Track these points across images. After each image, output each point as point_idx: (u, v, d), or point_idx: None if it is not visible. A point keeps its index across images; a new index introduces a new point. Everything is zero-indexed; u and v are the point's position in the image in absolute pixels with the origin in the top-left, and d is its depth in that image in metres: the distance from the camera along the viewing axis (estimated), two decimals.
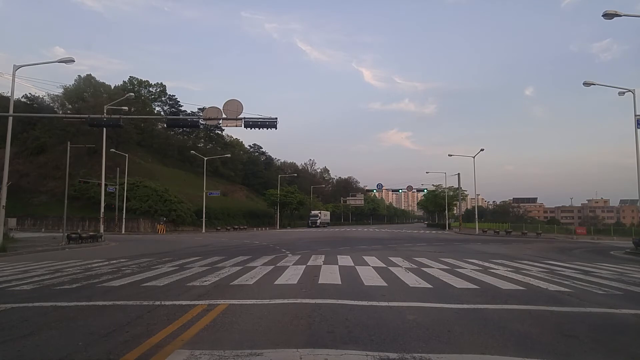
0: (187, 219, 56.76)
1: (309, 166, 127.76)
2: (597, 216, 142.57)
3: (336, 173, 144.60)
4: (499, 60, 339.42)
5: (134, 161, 61.32)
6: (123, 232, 47.06)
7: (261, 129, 20.82)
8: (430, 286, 9.09)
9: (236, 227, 61.03)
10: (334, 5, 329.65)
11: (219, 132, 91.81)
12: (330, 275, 10.61)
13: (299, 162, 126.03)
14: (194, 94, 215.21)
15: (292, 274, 10.73)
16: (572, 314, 6.59)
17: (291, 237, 34.97)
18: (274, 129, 20.80)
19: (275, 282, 9.42)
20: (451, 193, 73.49)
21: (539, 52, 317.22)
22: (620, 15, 20.36)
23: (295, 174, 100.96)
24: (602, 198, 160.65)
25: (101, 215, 34.39)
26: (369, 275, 10.61)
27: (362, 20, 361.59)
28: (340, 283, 9.36)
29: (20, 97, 68.04)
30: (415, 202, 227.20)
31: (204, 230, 53.94)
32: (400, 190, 76.40)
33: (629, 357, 4.76)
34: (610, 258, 19.68)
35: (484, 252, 20.32)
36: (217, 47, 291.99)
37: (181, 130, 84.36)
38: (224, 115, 20.82)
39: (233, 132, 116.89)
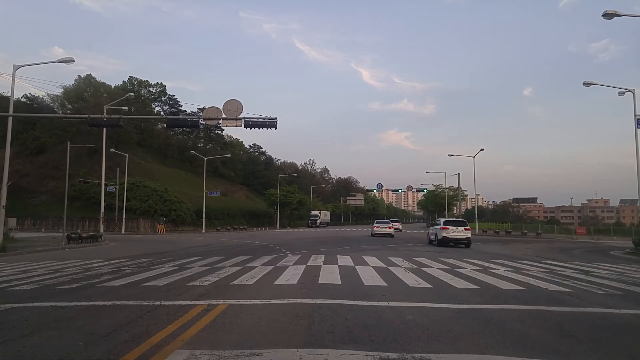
0: (187, 219, 56.76)
1: (309, 166, 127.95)
2: (597, 216, 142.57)
3: (336, 173, 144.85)
4: (498, 61, 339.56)
5: (134, 161, 61.32)
6: (123, 232, 47.07)
7: (261, 129, 20.81)
8: (430, 286, 9.09)
9: (236, 227, 61.01)
10: (332, 6, 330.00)
11: (219, 132, 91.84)
12: (330, 275, 10.61)
13: (299, 162, 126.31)
14: (193, 94, 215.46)
15: (292, 274, 10.72)
16: (572, 314, 6.59)
17: (291, 237, 34.96)
18: (274, 129, 20.79)
19: (275, 282, 9.42)
20: (451, 193, 73.49)
21: (538, 52, 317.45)
22: (620, 15, 20.37)
23: (295, 174, 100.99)
24: (602, 198, 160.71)
25: (101, 215, 34.38)
26: (368, 275, 10.61)
27: (361, 21, 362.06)
28: (340, 283, 9.36)
29: (20, 97, 68.14)
30: (415, 202, 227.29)
31: (204, 230, 53.93)
32: (400, 190, 76.35)
33: (629, 357, 4.76)
34: (610, 258, 19.68)
35: (484, 252, 20.33)
36: (216, 48, 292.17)
37: (181, 130, 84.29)
38: (224, 115, 20.82)
39: (233, 132, 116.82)
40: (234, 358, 4.23)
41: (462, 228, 25.97)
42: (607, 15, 20.36)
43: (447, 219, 30.33)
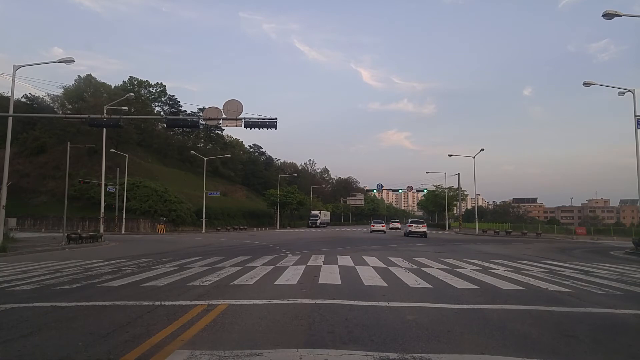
0: (187, 219, 56.73)
1: (309, 166, 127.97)
2: (597, 216, 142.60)
3: (336, 173, 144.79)
4: (497, 61, 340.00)
5: (134, 161, 61.30)
6: (123, 232, 47.07)
7: (261, 129, 20.81)
8: (430, 286, 9.08)
9: (236, 227, 61.01)
10: (332, 6, 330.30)
11: (219, 132, 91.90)
12: (330, 275, 10.61)
13: (299, 162, 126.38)
14: (193, 94, 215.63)
15: (292, 274, 10.72)
16: (572, 314, 6.59)
17: (291, 237, 34.96)
18: (274, 129, 20.79)
19: (275, 282, 9.42)
20: (451, 193, 73.48)
21: (537, 52, 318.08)
22: (620, 15, 20.37)
23: (295, 174, 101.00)
24: (602, 198, 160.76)
25: (101, 216, 34.37)
26: (369, 275, 10.61)
27: (360, 21, 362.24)
28: (340, 283, 9.35)
29: (20, 97, 68.06)
30: (415, 202, 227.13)
31: (203, 231, 53.93)
32: (400, 191, 76.42)
33: (629, 357, 4.76)
34: (610, 258, 19.67)
35: (484, 252, 20.32)
36: (216, 48, 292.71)
37: (181, 130, 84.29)
38: (224, 116, 20.82)
39: (233, 132, 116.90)
40: (234, 358, 4.23)
41: (420, 225, 40.54)
42: (607, 16, 20.36)
43: (412, 219, 47.24)
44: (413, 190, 74.81)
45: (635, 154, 24.16)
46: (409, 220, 46.42)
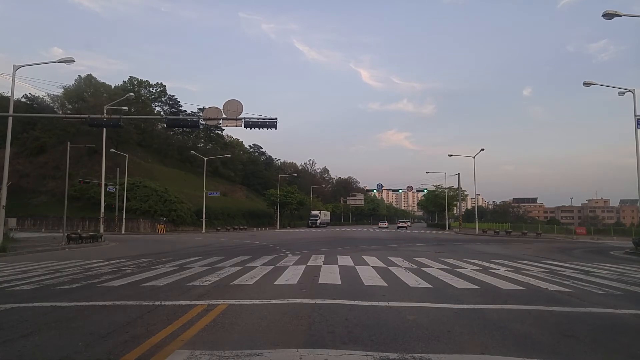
0: (187, 219, 56.72)
1: (309, 166, 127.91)
2: (597, 216, 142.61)
3: (336, 173, 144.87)
4: (497, 61, 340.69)
5: (134, 161, 61.28)
6: (123, 232, 47.06)
7: (261, 129, 20.81)
8: (430, 286, 9.08)
9: (236, 227, 61.00)
10: (331, 6, 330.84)
11: (219, 132, 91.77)
12: (330, 275, 10.61)
13: (299, 162, 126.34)
14: (193, 94, 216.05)
15: (292, 274, 10.72)
16: (572, 314, 6.58)
17: (291, 237, 34.95)
18: (274, 129, 20.79)
19: (275, 282, 9.42)
20: (451, 193, 73.43)
21: (537, 52, 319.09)
22: (620, 15, 20.36)
23: (295, 174, 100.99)
24: (602, 198, 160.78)
25: (101, 216, 34.38)
26: (369, 275, 10.61)
27: (360, 21, 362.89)
28: (340, 283, 9.35)
29: (20, 97, 67.96)
30: (415, 202, 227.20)
31: (203, 230, 53.93)
32: (400, 191, 76.50)
33: (629, 357, 4.76)
34: (610, 258, 19.66)
35: (484, 252, 20.31)
36: (216, 48, 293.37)
37: (181, 130, 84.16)
38: (224, 116, 20.82)
39: (233, 132, 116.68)
40: (234, 358, 4.23)
41: (404, 223, 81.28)
42: (607, 16, 20.34)
43: (400, 220, 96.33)
44: (413, 190, 74.86)
45: (635, 154, 24.16)
46: (399, 220, 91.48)
